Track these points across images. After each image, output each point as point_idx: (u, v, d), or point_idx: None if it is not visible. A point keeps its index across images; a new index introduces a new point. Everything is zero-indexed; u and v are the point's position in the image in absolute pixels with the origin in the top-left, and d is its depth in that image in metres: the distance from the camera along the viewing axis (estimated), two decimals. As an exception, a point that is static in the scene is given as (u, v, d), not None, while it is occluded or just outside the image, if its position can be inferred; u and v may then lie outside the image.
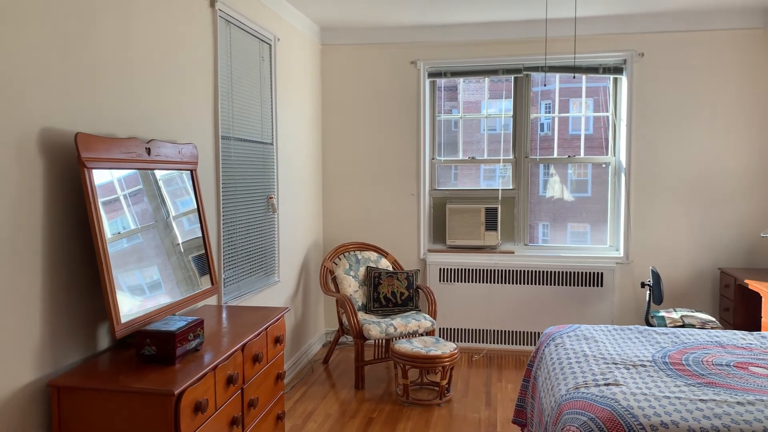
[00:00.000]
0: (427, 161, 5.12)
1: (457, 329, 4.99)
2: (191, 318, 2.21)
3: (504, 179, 5.07)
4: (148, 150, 2.41)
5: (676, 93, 4.64)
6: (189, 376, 1.96)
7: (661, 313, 4.14)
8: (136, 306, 2.18)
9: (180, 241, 2.58)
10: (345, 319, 4.42)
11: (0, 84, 1.81)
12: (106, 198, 2.13)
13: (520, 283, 4.86)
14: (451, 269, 4.96)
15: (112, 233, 2.13)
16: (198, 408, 1.96)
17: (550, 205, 5.05)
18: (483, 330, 4.95)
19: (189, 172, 2.77)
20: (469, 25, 4.80)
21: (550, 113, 5.02)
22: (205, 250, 2.78)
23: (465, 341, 5.00)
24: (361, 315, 4.39)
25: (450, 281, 4.97)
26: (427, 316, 4.34)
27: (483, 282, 4.91)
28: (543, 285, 4.83)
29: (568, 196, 5.02)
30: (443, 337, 5.02)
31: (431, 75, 5.03)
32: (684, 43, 4.61)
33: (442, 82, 5.14)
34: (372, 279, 4.55)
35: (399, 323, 4.17)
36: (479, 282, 4.92)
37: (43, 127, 1.98)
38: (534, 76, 4.97)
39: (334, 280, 4.60)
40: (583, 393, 2.37)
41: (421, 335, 4.29)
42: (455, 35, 4.87)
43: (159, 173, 2.51)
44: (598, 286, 4.75)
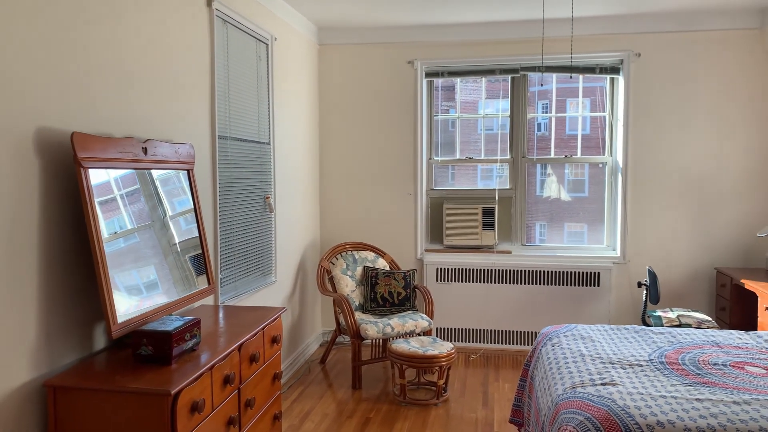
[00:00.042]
0: (425, 161, 5.12)
1: (454, 329, 4.99)
2: (188, 318, 2.21)
3: (501, 179, 5.08)
4: (144, 149, 2.41)
5: (672, 93, 4.66)
6: (186, 376, 1.96)
7: (658, 313, 4.14)
8: (132, 306, 2.18)
9: (177, 241, 2.58)
10: (342, 319, 4.42)
11: (-4, 83, 1.81)
12: (102, 198, 2.12)
13: (517, 283, 4.87)
14: (448, 269, 4.96)
15: (108, 233, 2.12)
16: (195, 408, 1.96)
17: (547, 205, 5.06)
18: (480, 330, 4.96)
19: (186, 171, 2.76)
20: (466, 25, 4.80)
21: (547, 113, 5.03)
22: (202, 249, 2.77)
23: (462, 341, 5.00)
24: (358, 315, 4.38)
25: (447, 281, 4.97)
26: (424, 315, 4.34)
27: (480, 282, 4.91)
28: (540, 285, 4.84)
29: (565, 196, 5.03)
30: (440, 337, 5.02)
31: (428, 75, 5.03)
32: (680, 44, 4.62)
33: (439, 81, 5.14)
34: (369, 279, 4.54)
35: (396, 323, 4.17)
36: (476, 282, 4.92)
37: (39, 127, 1.98)
38: (531, 76, 4.97)
39: (331, 279, 4.59)
40: (580, 392, 2.37)
41: (418, 335, 4.29)
42: (452, 35, 4.87)
43: (156, 173, 2.51)
44: (594, 285, 4.76)
